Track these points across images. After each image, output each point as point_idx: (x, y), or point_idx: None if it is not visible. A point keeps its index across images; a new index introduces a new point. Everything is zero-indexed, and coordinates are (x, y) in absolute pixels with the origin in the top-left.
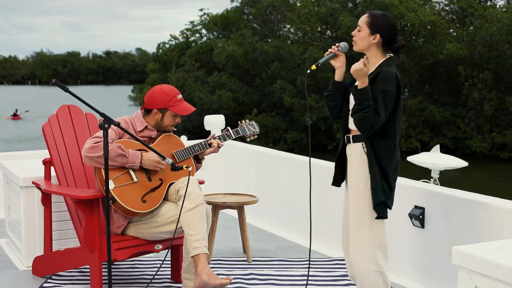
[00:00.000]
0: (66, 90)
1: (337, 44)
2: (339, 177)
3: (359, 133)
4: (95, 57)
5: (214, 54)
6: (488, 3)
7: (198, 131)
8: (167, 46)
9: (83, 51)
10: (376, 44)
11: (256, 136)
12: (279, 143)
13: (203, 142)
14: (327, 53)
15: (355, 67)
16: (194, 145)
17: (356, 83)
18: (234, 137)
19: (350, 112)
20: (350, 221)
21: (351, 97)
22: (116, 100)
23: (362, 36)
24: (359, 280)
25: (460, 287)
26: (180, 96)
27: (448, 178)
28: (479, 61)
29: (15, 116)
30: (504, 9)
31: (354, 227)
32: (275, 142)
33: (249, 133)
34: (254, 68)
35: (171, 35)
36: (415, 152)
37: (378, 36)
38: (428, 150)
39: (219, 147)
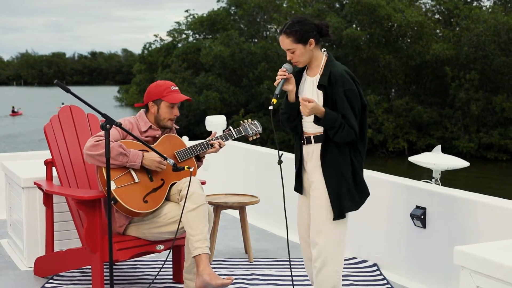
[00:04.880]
0: (68, 91)
1: (283, 69)
2: (301, 184)
3: (321, 133)
4: (81, 57)
5: (201, 55)
6: (474, 4)
7: (185, 131)
8: (153, 47)
9: (68, 51)
10: (314, 47)
11: (258, 136)
12: (267, 143)
13: (204, 142)
14: (277, 81)
15: (307, 109)
16: (196, 145)
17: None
18: (236, 136)
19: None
20: (313, 220)
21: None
22: (102, 101)
23: (300, 53)
24: (319, 280)
25: (462, 287)
26: (175, 87)
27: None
28: (466, 62)
29: (13, 112)
30: (490, 10)
31: (319, 227)
32: (262, 142)
33: (251, 132)
34: (241, 69)
35: (155, 35)
36: (402, 152)
37: (311, 40)
38: (415, 150)
39: (220, 147)
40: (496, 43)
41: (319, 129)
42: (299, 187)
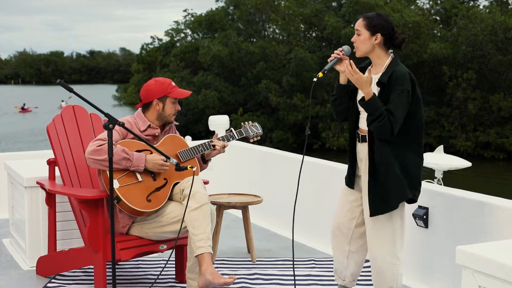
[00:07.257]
0: (71, 91)
1: (340, 49)
2: (352, 178)
3: None
4: (79, 56)
5: (200, 54)
6: (471, 4)
7: (183, 130)
8: (151, 46)
9: (66, 50)
10: (378, 44)
11: (259, 137)
12: (265, 142)
13: (207, 143)
14: (331, 58)
15: (354, 74)
16: (198, 145)
17: (363, 95)
18: (237, 138)
19: (360, 110)
20: (368, 217)
21: (358, 96)
22: (100, 100)
23: (363, 39)
24: (379, 274)
25: (464, 287)
26: (174, 83)
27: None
28: (463, 61)
29: (23, 109)
30: (487, 10)
31: (373, 223)
32: (260, 141)
33: (252, 134)
34: (240, 68)
35: (151, 37)
36: None
37: (379, 35)
38: None
39: (224, 148)
40: (493, 42)
41: None
42: (349, 182)
